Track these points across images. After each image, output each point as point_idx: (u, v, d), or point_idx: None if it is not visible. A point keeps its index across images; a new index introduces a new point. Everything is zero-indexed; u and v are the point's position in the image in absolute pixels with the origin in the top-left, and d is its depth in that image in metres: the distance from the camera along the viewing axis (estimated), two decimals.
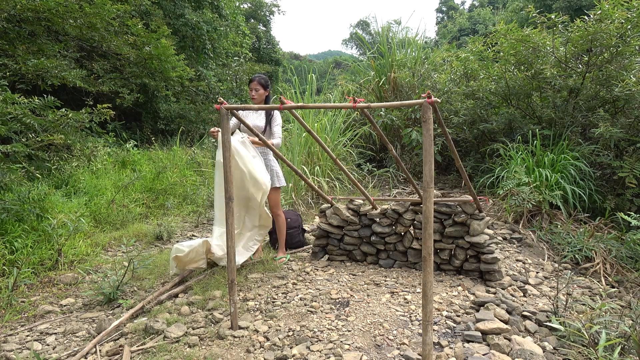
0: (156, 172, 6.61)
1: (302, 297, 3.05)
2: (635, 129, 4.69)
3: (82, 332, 2.75)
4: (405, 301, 2.97)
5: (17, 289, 3.30)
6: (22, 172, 4.69)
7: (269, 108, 2.95)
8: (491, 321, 2.52)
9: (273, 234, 4.24)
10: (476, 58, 6.58)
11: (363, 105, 2.27)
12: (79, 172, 5.88)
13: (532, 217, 4.70)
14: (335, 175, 6.30)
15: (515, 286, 3.22)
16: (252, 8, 23.12)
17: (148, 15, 9.92)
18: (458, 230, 3.32)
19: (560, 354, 2.36)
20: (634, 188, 4.28)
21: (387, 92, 8.06)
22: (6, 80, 4.90)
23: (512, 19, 18.19)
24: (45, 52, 6.38)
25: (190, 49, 11.59)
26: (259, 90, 3.68)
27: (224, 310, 2.88)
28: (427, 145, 2.05)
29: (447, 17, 45.08)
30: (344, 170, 3.42)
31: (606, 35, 4.65)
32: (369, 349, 2.37)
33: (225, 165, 2.62)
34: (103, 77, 7.74)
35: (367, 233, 3.68)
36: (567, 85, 5.24)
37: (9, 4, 5.77)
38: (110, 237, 4.74)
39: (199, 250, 3.40)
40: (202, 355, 2.35)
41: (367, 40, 14.01)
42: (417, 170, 7.21)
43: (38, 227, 4.01)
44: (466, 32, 32.83)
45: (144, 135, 10.21)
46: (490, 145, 5.88)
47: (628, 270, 3.64)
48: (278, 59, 23.96)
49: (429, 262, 2.10)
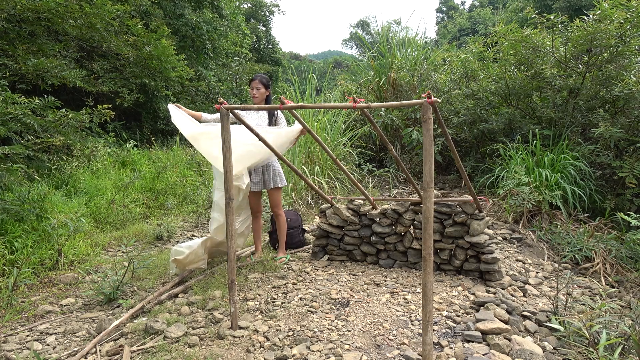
0: (156, 172, 6.62)
1: (302, 297, 3.05)
2: (635, 129, 4.69)
3: (82, 332, 2.75)
4: (405, 301, 2.97)
5: (17, 289, 3.30)
6: (22, 173, 4.69)
7: (269, 108, 2.95)
8: (491, 321, 2.53)
9: (273, 233, 4.24)
10: (476, 58, 6.58)
11: (363, 105, 2.27)
12: (79, 172, 5.88)
13: (532, 217, 4.70)
14: (335, 175, 6.30)
15: (515, 286, 3.22)
16: (252, 8, 23.13)
17: (148, 15, 9.93)
18: (458, 230, 3.32)
19: (560, 354, 2.36)
20: (634, 188, 4.28)
21: (387, 92, 8.06)
22: (6, 80, 4.90)
23: (512, 19, 18.19)
24: (45, 52, 6.38)
25: (190, 49, 11.60)
26: (260, 89, 3.67)
27: (224, 310, 2.88)
28: (427, 145, 2.05)
29: (447, 17, 45.09)
30: (344, 170, 3.42)
31: (605, 35, 4.65)
32: (369, 349, 2.37)
33: (226, 165, 2.62)
34: (103, 77, 7.75)
35: (367, 233, 3.68)
36: (567, 85, 5.24)
37: (9, 4, 5.77)
38: (110, 237, 4.74)
39: (198, 252, 3.41)
40: (202, 355, 2.35)
41: (367, 40, 14.00)
42: (417, 170, 7.21)
43: (38, 227, 4.01)
44: (466, 32, 32.82)
45: (144, 135, 10.21)
46: (490, 145, 5.88)
47: (628, 270, 3.64)
48: (278, 59, 23.97)
49: (429, 262, 2.11)
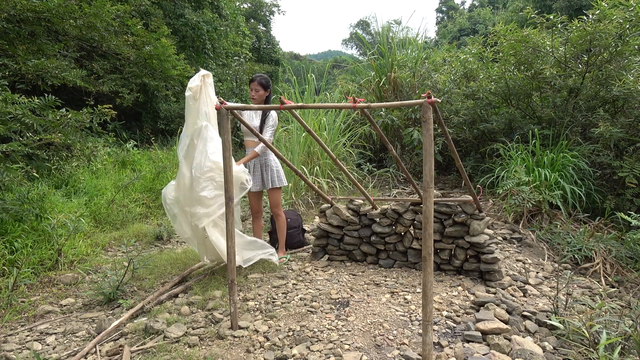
0: (156, 172, 6.62)
1: (302, 297, 3.05)
2: (635, 128, 4.69)
3: (82, 332, 2.75)
4: (405, 301, 2.97)
5: (17, 289, 3.30)
6: (22, 172, 4.69)
7: (269, 108, 2.95)
8: (491, 321, 2.53)
9: (273, 233, 4.24)
10: (476, 59, 6.58)
11: (363, 105, 2.27)
12: (79, 172, 5.88)
13: (532, 217, 4.70)
14: (335, 175, 6.30)
15: (515, 286, 3.22)
16: (252, 8, 23.11)
17: (148, 15, 9.92)
18: (458, 230, 3.32)
19: (560, 354, 2.36)
20: (634, 188, 4.28)
21: (388, 92, 8.07)
22: (6, 80, 4.89)
23: (512, 19, 18.19)
24: (45, 52, 6.38)
25: (190, 49, 11.59)
26: (259, 91, 3.67)
27: (224, 310, 2.88)
28: (427, 145, 2.05)
29: (447, 17, 45.06)
30: (344, 170, 3.42)
31: (605, 35, 4.65)
32: (369, 349, 2.37)
33: (226, 165, 2.62)
34: (103, 77, 7.75)
35: (367, 233, 3.68)
36: (566, 85, 5.24)
37: (9, 4, 5.77)
38: (110, 237, 4.74)
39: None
40: (202, 355, 2.35)
41: (367, 41, 14.00)
42: (417, 170, 7.21)
43: (38, 227, 4.00)
44: (466, 32, 32.80)
45: (144, 135, 10.21)
46: (490, 145, 5.88)
47: (628, 270, 3.64)
48: (278, 59, 23.94)
49: (429, 262, 2.11)
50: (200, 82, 3.02)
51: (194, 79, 3.01)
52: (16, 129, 4.42)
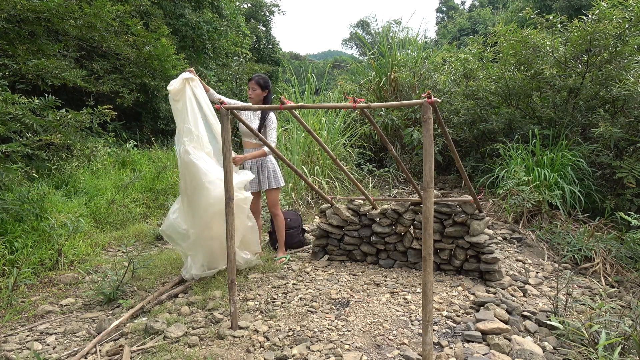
0: (156, 172, 6.61)
1: (302, 297, 3.05)
2: (635, 129, 4.69)
3: (82, 332, 2.75)
4: (405, 301, 2.97)
5: (17, 289, 3.30)
6: (22, 172, 4.69)
7: (269, 108, 2.96)
8: (491, 321, 2.53)
9: (273, 234, 4.24)
10: (476, 59, 6.58)
11: (363, 105, 2.27)
12: (79, 172, 5.88)
13: (532, 217, 4.70)
14: (335, 175, 6.30)
15: (515, 286, 3.22)
16: (252, 8, 23.10)
17: (148, 15, 9.92)
18: (458, 230, 3.32)
19: (560, 353, 2.36)
20: (633, 188, 4.28)
21: (388, 92, 8.07)
22: (6, 80, 4.89)
23: (512, 19, 18.19)
24: (45, 52, 6.37)
25: (190, 49, 11.59)
26: (256, 90, 3.67)
27: (224, 310, 2.88)
28: (427, 145, 2.05)
29: (447, 17, 45.04)
30: (344, 170, 3.42)
31: (604, 35, 4.65)
32: (369, 349, 2.37)
33: (226, 165, 2.62)
34: (103, 77, 7.75)
35: (367, 233, 3.68)
36: (566, 85, 5.24)
37: (9, 4, 5.77)
38: (110, 237, 4.74)
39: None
40: (202, 355, 2.35)
41: (367, 40, 14.00)
42: (417, 170, 7.21)
43: (38, 227, 4.00)
44: (466, 32, 32.79)
45: (144, 135, 10.21)
46: (490, 145, 5.88)
47: (628, 270, 3.64)
48: (278, 59, 23.93)
49: (429, 262, 2.11)
50: (182, 84, 3.10)
51: (173, 82, 3.11)
52: (16, 129, 4.42)
